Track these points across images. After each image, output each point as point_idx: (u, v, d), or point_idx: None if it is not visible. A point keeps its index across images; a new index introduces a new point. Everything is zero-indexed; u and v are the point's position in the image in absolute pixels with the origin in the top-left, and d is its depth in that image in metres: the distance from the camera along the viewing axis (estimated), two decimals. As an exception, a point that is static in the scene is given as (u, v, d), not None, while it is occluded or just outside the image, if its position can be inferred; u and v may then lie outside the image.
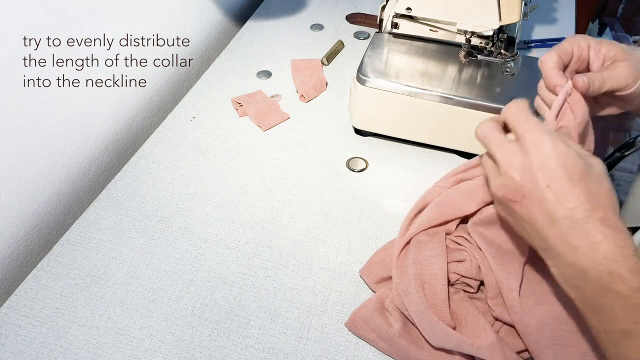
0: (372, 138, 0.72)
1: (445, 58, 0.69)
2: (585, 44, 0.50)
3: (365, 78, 0.65)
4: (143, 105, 0.79)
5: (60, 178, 0.66)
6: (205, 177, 0.66)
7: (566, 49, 0.50)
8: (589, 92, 0.47)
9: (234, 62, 0.85)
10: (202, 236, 0.60)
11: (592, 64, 0.50)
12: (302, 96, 0.78)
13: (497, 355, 0.44)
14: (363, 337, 0.50)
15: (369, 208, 0.63)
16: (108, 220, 0.61)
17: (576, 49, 0.50)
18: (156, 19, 0.76)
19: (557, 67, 0.49)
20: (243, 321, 0.52)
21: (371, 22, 0.94)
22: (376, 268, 0.54)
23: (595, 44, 0.50)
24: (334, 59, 0.86)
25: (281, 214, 0.62)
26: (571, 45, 0.50)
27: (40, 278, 0.55)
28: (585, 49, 0.50)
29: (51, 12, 0.58)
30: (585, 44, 0.50)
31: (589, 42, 0.50)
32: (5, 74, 0.54)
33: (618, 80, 0.48)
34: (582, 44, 0.50)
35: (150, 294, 0.54)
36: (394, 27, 0.71)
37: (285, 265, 0.57)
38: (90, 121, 0.69)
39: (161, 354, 0.49)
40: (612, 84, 0.48)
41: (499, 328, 0.49)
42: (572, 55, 0.50)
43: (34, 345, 0.50)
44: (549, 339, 0.44)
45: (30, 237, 0.63)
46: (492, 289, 0.48)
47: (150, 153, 0.69)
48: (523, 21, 0.65)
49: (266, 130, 0.73)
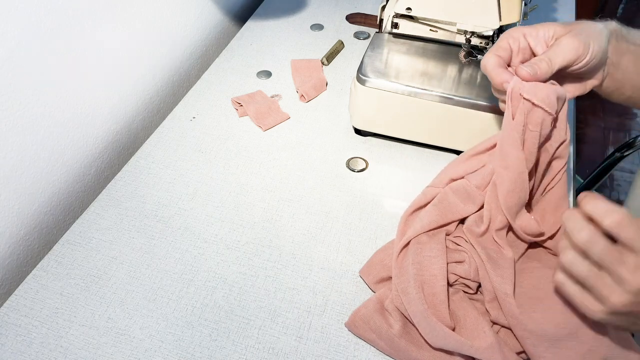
0: (372, 138, 0.72)
1: (445, 58, 0.69)
2: (519, 34, 0.50)
3: (365, 78, 0.65)
4: (143, 105, 0.79)
5: (60, 178, 0.66)
6: (205, 177, 0.66)
7: (502, 45, 0.49)
8: (540, 75, 0.47)
9: (234, 62, 0.85)
10: (202, 236, 0.60)
11: (536, 50, 0.50)
12: (302, 96, 0.78)
13: (496, 356, 0.44)
14: (363, 337, 0.50)
15: (369, 208, 0.63)
16: (108, 220, 0.61)
17: (511, 41, 0.49)
18: (156, 19, 0.77)
19: (498, 65, 0.48)
20: (243, 321, 0.52)
21: (371, 22, 0.94)
22: (376, 268, 0.54)
23: (530, 30, 0.50)
24: (334, 59, 0.86)
25: (281, 214, 0.62)
26: (506, 40, 0.50)
27: (40, 278, 0.55)
28: (520, 38, 0.49)
29: (51, 12, 0.58)
30: (519, 33, 0.50)
31: (523, 31, 0.50)
32: (5, 74, 0.54)
33: (566, 52, 0.47)
34: (515, 34, 0.50)
35: (150, 294, 0.54)
36: (394, 27, 0.71)
37: (285, 265, 0.57)
38: (90, 121, 0.69)
39: (161, 354, 0.49)
40: (562, 58, 0.47)
41: (499, 329, 0.49)
42: (510, 50, 0.49)
43: (34, 345, 0.50)
44: (547, 343, 0.44)
45: (30, 237, 0.63)
46: (489, 293, 0.48)
47: (150, 153, 0.69)
48: (523, 21, 0.65)
49: (266, 130, 0.73)
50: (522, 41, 0.50)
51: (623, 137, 1.93)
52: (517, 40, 0.50)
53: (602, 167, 1.00)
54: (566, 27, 0.49)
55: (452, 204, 0.50)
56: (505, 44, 0.50)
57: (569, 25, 0.50)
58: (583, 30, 0.49)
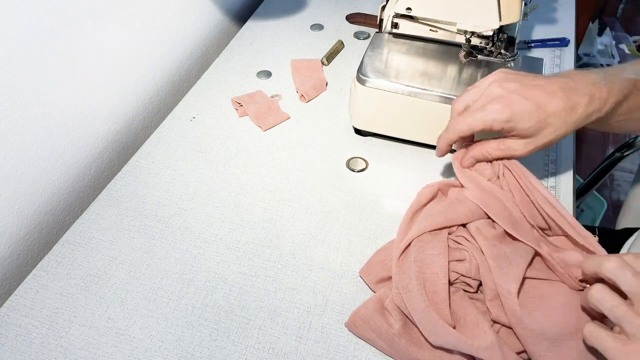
0: (372, 138, 0.72)
1: (445, 58, 0.69)
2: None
3: (365, 78, 0.65)
4: (143, 105, 0.79)
5: (60, 178, 0.66)
6: (205, 177, 0.66)
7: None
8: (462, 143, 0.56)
9: (234, 62, 0.85)
10: (202, 236, 0.60)
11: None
12: (302, 96, 0.78)
13: (496, 355, 0.44)
14: (363, 337, 0.50)
15: (369, 208, 0.63)
16: (108, 220, 0.61)
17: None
18: (156, 19, 0.77)
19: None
20: (243, 321, 0.52)
21: (371, 22, 0.94)
22: (376, 268, 0.54)
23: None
24: (334, 59, 0.86)
25: (281, 214, 0.62)
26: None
27: (40, 278, 0.55)
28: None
29: (51, 12, 0.58)
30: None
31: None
32: (5, 74, 0.54)
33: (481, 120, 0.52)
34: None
35: (150, 294, 0.54)
36: (394, 27, 0.71)
37: (285, 265, 0.57)
38: (90, 121, 0.69)
39: (161, 354, 0.49)
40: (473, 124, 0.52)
41: (499, 329, 0.49)
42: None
43: (34, 345, 0.50)
44: (548, 342, 0.44)
45: (30, 237, 0.63)
46: (490, 291, 0.48)
47: (150, 153, 0.69)
48: (523, 21, 0.65)
49: (266, 130, 0.73)
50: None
51: (623, 137, 1.93)
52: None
53: (602, 167, 1.00)
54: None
55: (461, 214, 0.51)
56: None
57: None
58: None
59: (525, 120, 0.49)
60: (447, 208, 0.52)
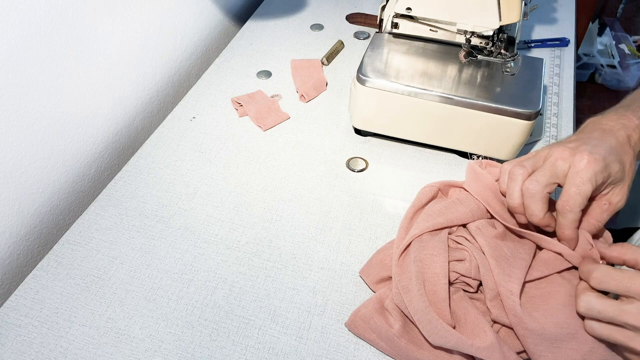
0: (372, 138, 0.72)
1: (445, 58, 0.69)
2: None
3: (365, 78, 0.65)
4: (143, 106, 0.79)
5: (60, 178, 0.66)
6: (205, 177, 0.66)
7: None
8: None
9: (234, 62, 0.85)
10: (202, 236, 0.60)
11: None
12: (302, 96, 0.78)
13: (496, 355, 0.44)
14: (363, 337, 0.50)
15: (369, 208, 0.63)
16: (108, 220, 0.61)
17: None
18: (156, 19, 0.77)
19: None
20: (243, 321, 0.52)
21: (371, 22, 0.94)
22: (376, 268, 0.54)
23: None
24: (334, 59, 0.86)
25: (281, 214, 0.62)
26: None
27: (40, 278, 0.55)
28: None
29: (51, 12, 0.58)
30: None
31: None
32: (6, 74, 0.54)
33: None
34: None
35: (150, 294, 0.54)
36: (394, 27, 0.71)
37: (285, 266, 0.57)
38: (90, 121, 0.69)
39: (161, 354, 0.49)
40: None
41: (499, 329, 0.49)
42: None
43: (34, 345, 0.50)
44: (548, 342, 0.44)
45: (30, 237, 0.63)
46: (490, 291, 0.48)
47: (150, 153, 0.69)
48: (523, 21, 0.65)
49: (266, 130, 0.73)
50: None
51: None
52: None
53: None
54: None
55: (461, 214, 0.51)
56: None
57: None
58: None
59: (612, 161, 0.46)
60: (447, 208, 0.52)
